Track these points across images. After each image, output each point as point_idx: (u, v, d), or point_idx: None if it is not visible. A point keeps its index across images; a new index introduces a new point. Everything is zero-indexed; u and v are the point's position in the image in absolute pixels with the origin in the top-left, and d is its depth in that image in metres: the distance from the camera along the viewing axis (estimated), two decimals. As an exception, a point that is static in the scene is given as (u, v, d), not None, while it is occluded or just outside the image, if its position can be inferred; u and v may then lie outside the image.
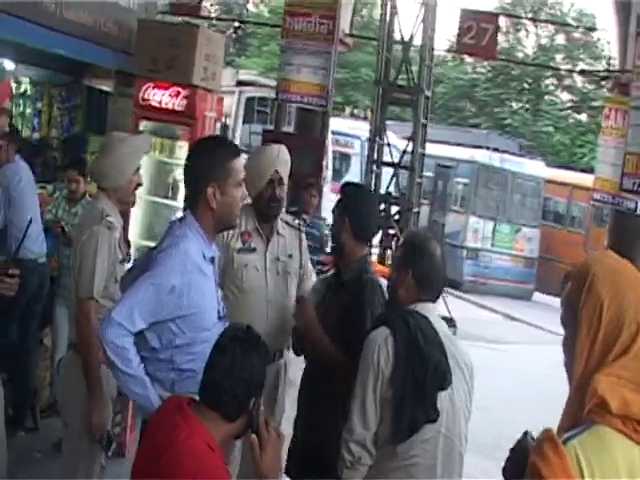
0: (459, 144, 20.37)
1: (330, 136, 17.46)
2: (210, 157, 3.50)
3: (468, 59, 33.40)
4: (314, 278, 5.26)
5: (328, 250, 8.89)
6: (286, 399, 4.95)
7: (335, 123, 18.72)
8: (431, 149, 19.09)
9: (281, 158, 4.80)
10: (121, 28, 7.92)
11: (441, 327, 3.45)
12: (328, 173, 17.36)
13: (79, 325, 4.20)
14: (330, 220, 4.71)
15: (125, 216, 5.80)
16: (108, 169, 4.38)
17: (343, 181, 16.91)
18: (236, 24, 37.54)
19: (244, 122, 16.13)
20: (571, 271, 2.25)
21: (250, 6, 36.26)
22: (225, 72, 18.78)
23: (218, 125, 8.02)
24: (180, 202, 7.48)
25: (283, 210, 4.97)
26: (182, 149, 7.69)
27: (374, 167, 12.28)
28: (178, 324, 3.38)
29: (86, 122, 8.52)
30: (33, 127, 9.04)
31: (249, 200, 4.77)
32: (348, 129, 18.12)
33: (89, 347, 4.04)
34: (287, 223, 4.96)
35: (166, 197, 7.80)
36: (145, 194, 7.43)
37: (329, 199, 17.19)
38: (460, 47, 12.47)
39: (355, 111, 20.11)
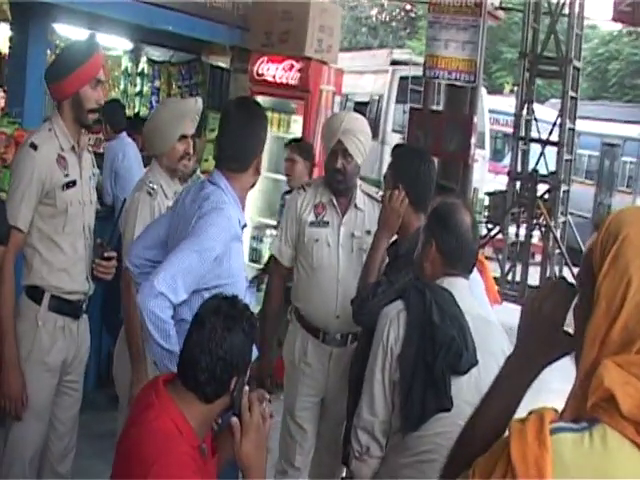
0: (628, 121, 19.17)
1: (487, 115, 16.99)
2: (260, 127, 3.47)
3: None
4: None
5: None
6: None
7: (494, 101, 18.17)
8: (596, 127, 18.29)
9: (346, 128, 4.38)
10: (235, 3, 7.82)
11: (470, 305, 3.02)
12: (485, 152, 16.89)
13: (123, 294, 4.08)
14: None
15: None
16: (151, 136, 4.25)
17: (504, 161, 16.48)
18: (408, 7, 37.64)
19: (397, 101, 15.87)
20: (600, 221, 1.78)
21: (422, -12, 35.72)
22: (379, 52, 18.80)
23: (337, 99, 7.78)
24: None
25: (360, 182, 4.66)
26: (297, 124, 7.55)
27: (520, 144, 11.68)
28: (212, 293, 3.18)
29: (207, 99, 8.51)
30: (151, 105, 9.12)
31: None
32: (508, 107, 17.46)
33: (133, 319, 3.92)
34: (369, 196, 4.58)
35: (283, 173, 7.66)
36: (263, 171, 7.33)
37: (487, 179, 16.80)
38: (616, 15, 11.68)
39: (515, 89, 19.35)
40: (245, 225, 3.45)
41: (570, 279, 1.74)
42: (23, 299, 3.80)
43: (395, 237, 3.97)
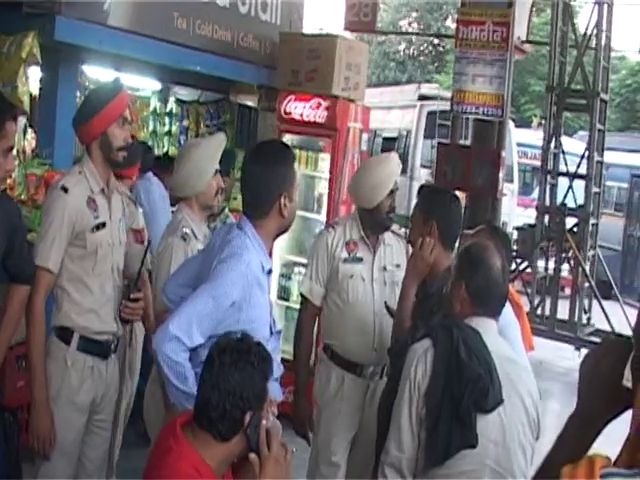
0: (657, 153, 19.05)
1: (515, 148, 16.99)
2: (281, 166, 3.39)
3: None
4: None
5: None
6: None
7: (521, 135, 18.17)
8: (625, 158, 18.17)
9: (399, 167, 4.70)
10: (262, 42, 7.91)
11: (498, 346, 3.04)
12: (514, 186, 16.86)
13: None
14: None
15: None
16: (187, 176, 4.28)
17: (533, 195, 16.42)
18: (436, 41, 37.85)
19: (426, 137, 15.92)
20: None
21: (449, 22, 35.90)
22: (407, 87, 18.90)
23: (365, 136, 7.81)
24: (324, 216, 7.38)
25: None
26: (325, 161, 7.59)
27: (548, 177, 11.66)
28: None
29: (235, 138, 8.58)
30: (179, 144, 9.22)
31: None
32: (536, 140, 17.47)
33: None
34: (393, 232, 4.78)
35: (312, 211, 7.70)
36: (291, 209, 7.36)
37: (515, 213, 16.76)
38: (643, 46, 11.68)
39: (543, 122, 19.33)
40: (271, 270, 3.44)
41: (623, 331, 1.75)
42: (52, 339, 3.84)
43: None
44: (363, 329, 4.53)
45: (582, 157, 11.45)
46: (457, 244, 4.18)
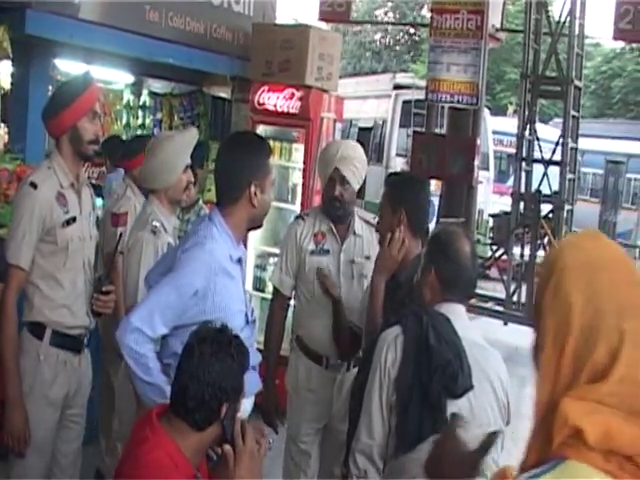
0: (632, 138, 19.17)
1: (491, 136, 17.06)
2: (252, 154, 3.38)
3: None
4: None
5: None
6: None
7: (497, 122, 18.24)
8: (600, 145, 18.30)
9: (342, 155, 4.46)
10: (235, 34, 7.91)
11: (467, 331, 3.04)
12: (489, 174, 16.94)
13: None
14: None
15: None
16: (158, 169, 4.24)
17: (509, 182, 16.51)
18: (411, 30, 37.86)
19: (401, 126, 15.96)
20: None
21: (425, 11, 35.93)
22: (382, 77, 18.92)
23: (338, 126, 7.82)
24: (298, 206, 7.39)
25: (357, 208, 4.71)
26: (299, 152, 7.59)
27: (523, 164, 11.70)
28: None
29: (209, 130, 8.57)
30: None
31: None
32: (511, 128, 17.55)
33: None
34: (367, 222, 4.66)
35: (286, 201, 7.71)
36: (265, 199, 7.36)
37: (491, 201, 16.84)
38: (616, 33, 11.69)
39: (518, 109, 19.41)
40: (240, 259, 3.43)
41: None
42: (25, 335, 3.83)
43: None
44: (328, 321, 4.48)
45: (557, 144, 11.50)
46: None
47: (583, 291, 1.58)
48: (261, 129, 7.51)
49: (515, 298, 11.66)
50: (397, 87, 16.44)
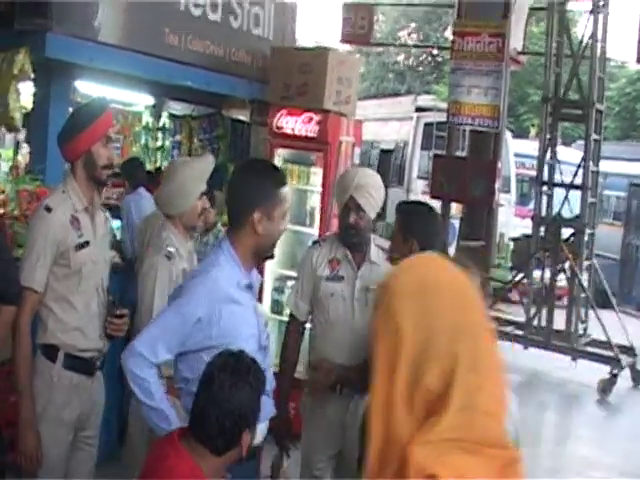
0: (655, 161, 19.01)
1: (513, 159, 17.01)
2: (260, 181, 3.34)
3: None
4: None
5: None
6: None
7: (519, 145, 18.18)
8: (623, 167, 18.16)
9: (358, 183, 4.44)
10: (254, 57, 7.96)
11: None
12: (511, 197, 16.88)
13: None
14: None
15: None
16: (173, 195, 4.29)
17: (531, 205, 16.45)
18: (434, 51, 37.92)
19: (423, 148, 15.97)
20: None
21: (448, 32, 35.97)
22: (404, 99, 18.94)
23: (357, 150, 7.83)
24: (316, 229, 7.40)
25: (374, 236, 4.71)
26: (317, 175, 7.60)
27: (544, 188, 11.67)
28: (210, 354, 3.21)
29: (228, 152, 8.61)
30: (172, 159, 9.24)
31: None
32: (533, 151, 17.50)
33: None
34: (383, 249, 4.60)
35: (304, 225, 7.71)
36: (285, 223, 7.36)
37: (513, 224, 16.77)
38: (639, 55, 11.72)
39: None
40: (250, 285, 3.39)
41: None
42: (38, 357, 3.86)
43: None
44: (341, 348, 4.46)
45: (578, 167, 11.47)
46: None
47: (413, 315, 1.57)
48: (279, 152, 7.53)
49: (535, 322, 11.60)
50: (419, 109, 16.48)
